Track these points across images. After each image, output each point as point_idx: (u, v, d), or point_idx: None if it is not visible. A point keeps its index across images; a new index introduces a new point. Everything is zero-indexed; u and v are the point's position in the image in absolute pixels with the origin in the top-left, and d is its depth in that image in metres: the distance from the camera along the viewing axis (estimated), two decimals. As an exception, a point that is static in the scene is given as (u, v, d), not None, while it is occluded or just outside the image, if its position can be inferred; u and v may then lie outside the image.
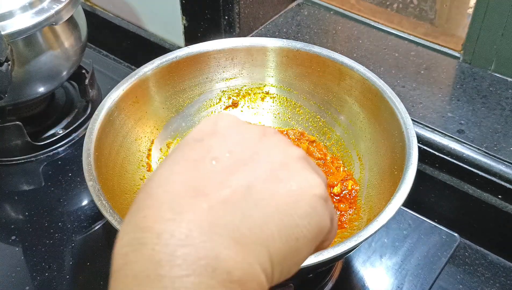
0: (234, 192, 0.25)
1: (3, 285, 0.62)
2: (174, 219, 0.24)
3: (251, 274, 0.24)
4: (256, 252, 0.25)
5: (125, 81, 0.63)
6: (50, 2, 0.70)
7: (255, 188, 0.26)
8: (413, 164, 0.53)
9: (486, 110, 0.70)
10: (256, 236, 0.25)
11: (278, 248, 0.25)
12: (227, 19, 0.81)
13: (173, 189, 0.25)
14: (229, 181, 0.26)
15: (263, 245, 0.25)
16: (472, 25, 0.73)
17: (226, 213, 0.25)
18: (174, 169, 0.26)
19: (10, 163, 0.77)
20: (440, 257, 0.65)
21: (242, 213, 0.25)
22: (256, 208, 0.25)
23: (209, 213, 0.24)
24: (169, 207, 0.24)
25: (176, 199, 0.25)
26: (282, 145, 0.29)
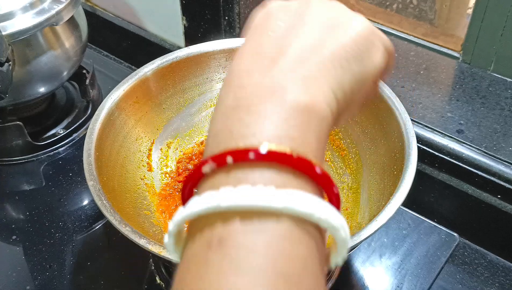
0: (291, 49, 0.30)
1: (4, 284, 0.63)
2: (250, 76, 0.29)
3: (315, 101, 0.28)
4: (316, 84, 0.29)
5: (125, 81, 0.63)
6: (51, 3, 0.70)
7: (307, 41, 0.30)
8: (412, 164, 0.53)
9: (486, 110, 0.70)
10: (314, 73, 0.29)
11: (334, 75, 0.30)
12: (227, 20, 0.81)
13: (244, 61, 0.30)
14: (286, 42, 0.30)
15: (321, 77, 0.29)
16: (471, 25, 0.73)
17: (289, 65, 0.29)
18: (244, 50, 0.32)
19: (11, 163, 0.77)
20: (440, 257, 0.65)
21: (301, 61, 0.29)
22: (311, 54, 0.30)
23: (275, 67, 0.29)
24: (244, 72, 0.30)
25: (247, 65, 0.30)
26: (324, 3, 0.33)
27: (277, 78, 0.29)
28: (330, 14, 0.33)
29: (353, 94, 0.31)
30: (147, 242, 0.47)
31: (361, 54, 0.31)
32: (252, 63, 0.30)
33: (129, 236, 0.48)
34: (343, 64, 0.30)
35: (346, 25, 0.32)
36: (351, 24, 0.32)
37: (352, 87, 0.31)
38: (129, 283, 0.64)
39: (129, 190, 0.60)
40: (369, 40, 0.32)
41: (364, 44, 0.32)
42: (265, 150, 0.26)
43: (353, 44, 0.31)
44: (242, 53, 0.31)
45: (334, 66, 0.30)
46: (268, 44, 0.31)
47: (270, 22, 0.32)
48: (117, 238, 0.67)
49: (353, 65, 0.31)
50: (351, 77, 0.31)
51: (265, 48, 0.31)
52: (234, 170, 0.26)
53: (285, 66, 0.29)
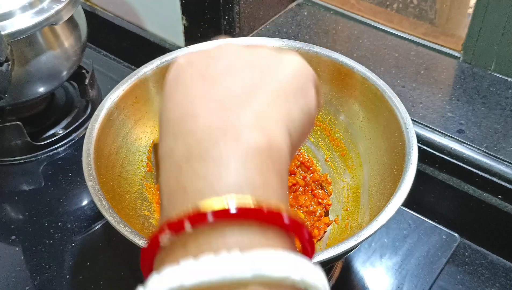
0: (232, 89, 0.29)
1: (3, 285, 0.62)
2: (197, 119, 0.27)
3: (272, 142, 0.27)
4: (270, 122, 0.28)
5: (125, 81, 0.63)
6: (50, 2, 0.70)
7: (246, 81, 0.29)
8: (413, 164, 0.53)
9: (486, 110, 0.70)
10: (264, 110, 0.28)
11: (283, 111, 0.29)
12: (227, 19, 0.81)
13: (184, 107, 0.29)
14: (224, 84, 0.29)
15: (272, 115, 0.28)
16: (472, 25, 0.73)
17: (235, 103, 0.28)
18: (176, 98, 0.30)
19: (10, 163, 0.77)
20: (440, 257, 0.65)
21: (246, 100, 0.28)
22: (255, 93, 0.29)
23: (222, 107, 0.28)
24: (190, 115, 0.28)
25: (191, 109, 0.28)
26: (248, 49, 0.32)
27: (227, 117, 0.27)
28: (257, 55, 0.32)
29: (303, 127, 0.31)
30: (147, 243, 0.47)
31: (302, 87, 0.31)
32: (195, 106, 0.28)
33: (128, 237, 0.48)
34: (289, 98, 0.30)
35: (280, 63, 0.31)
36: (284, 61, 0.32)
37: (301, 120, 0.30)
38: (128, 284, 0.64)
39: (129, 190, 0.60)
40: (304, 74, 0.32)
41: (302, 78, 0.32)
42: (226, 206, 0.23)
43: (293, 78, 0.31)
44: (176, 100, 0.29)
45: (282, 100, 0.29)
46: (204, 87, 0.29)
47: (197, 67, 0.31)
48: (116, 238, 0.67)
49: (298, 98, 0.30)
50: (299, 111, 0.30)
51: (202, 92, 0.29)
52: (194, 237, 0.24)
53: (233, 104, 0.28)
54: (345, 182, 0.64)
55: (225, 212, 0.23)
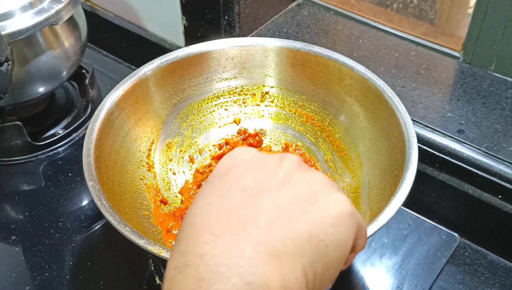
0: (264, 213, 0.28)
1: (3, 285, 0.62)
2: (214, 241, 0.27)
3: (285, 284, 0.26)
4: (290, 263, 0.27)
5: (125, 81, 0.63)
6: (50, 2, 0.70)
7: (283, 207, 0.28)
8: (413, 164, 0.53)
9: (486, 110, 0.70)
10: (290, 249, 0.27)
11: (310, 257, 0.28)
12: (227, 19, 0.81)
13: (209, 217, 0.28)
14: (259, 204, 0.28)
15: (297, 256, 0.27)
16: (472, 25, 0.73)
17: (260, 232, 0.27)
18: (208, 200, 0.29)
19: (10, 163, 0.77)
20: (440, 257, 0.65)
21: (275, 231, 0.27)
22: (287, 225, 0.28)
23: (245, 234, 0.27)
24: (208, 232, 0.27)
25: (213, 225, 0.27)
26: (301, 167, 0.31)
27: (244, 250, 0.26)
28: (310, 182, 0.30)
29: (323, 278, 0.29)
30: (147, 243, 0.47)
31: (338, 237, 0.29)
32: (216, 221, 0.28)
33: (128, 237, 0.48)
34: (319, 244, 0.28)
35: (326, 200, 0.30)
36: (330, 200, 0.30)
37: (324, 270, 0.29)
38: (128, 283, 0.64)
39: (129, 190, 0.60)
40: (346, 222, 0.30)
41: (342, 226, 0.29)
42: None
43: (331, 224, 0.29)
44: (207, 202, 0.29)
45: (310, 245, 0.28)
46: (237, 202, 0.28)
47: (243, 175, 0.30)
48: (116, 238, 0.67)
49: (329, 247, 0.29)
50: (325, 260, 0.28)
51: (233, 206, 0.28)
52: None
53: (255, 235, 0.27)
54: (345, 182, 0.64)
55: None
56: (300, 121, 0.70)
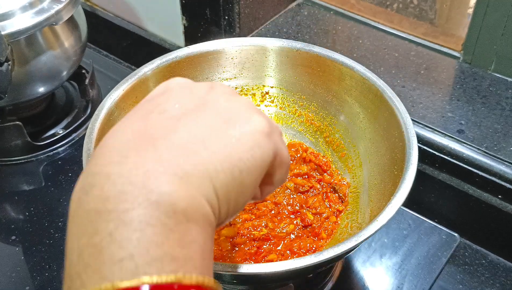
0: (179, 135, 0.27)
1: (3, 285, 0.62)
2: (121, 162, 0.26)
3: (195, 205, 0.26)
4: (199, 185, 0.26)
5: (125, 81, 0.63)
6: (50, 2, 0.70)
7: (200, 130, 0.28)
8: (413, 164, 0.53)
9: (486, 110, 0.70)
10: (200, 171, 0.26)
11: (222, 180, 0.27)
12: (227, 19, 0.81)
13: (123, 138, 0.27)
14: (176, 126, 0.28)
15: (207, 178, 0.27)
16: (472, 25, 0.73)
17: (170, 153, 0.26)
18: (125, 123, 0.29)
19: (10, 163, 0.77)
20: (440, 257, 0.65)
21: (187, 152, 0.27)
22: (200, 147, 0.27)
23: (154, 154, 0.26)
24: (117, 152, 0.27)
25: (124, 145, 0.27)
26: (228, 93, 0.31)
27: (152, 170, 0.26)
28: (233, 106, 0.30)
29: (236, 203, 0.28)
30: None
31: (254, 161, 0.28)
32: (128, 142, 0.27)
33: (128, 237, 0.48)
34: (233, 169, 0.27)
35: (244, 124, 0.29)
36: (248, 123, 0.29)
37: (238, 196, 0.28)
38: (128, 284, 0.64)
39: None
40: (262, 146, 0.29)
41: (258, 150, 0.29)
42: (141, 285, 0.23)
43: (247, 149, 0.28)
44: (124, 125, 0.28)
45: (223, 169, 0.27)
46: (153, 124, 0.28)
47: (166, 100, 0.29)
48: (116, 238, 0.67)
49: (243, 173, 0.28)
50: (238, 185, 0.28)
51: (148, 128, 0.27)
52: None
53: (165, 156, 0.26)
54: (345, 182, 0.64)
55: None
56: (300, 121, 0.70)
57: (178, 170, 0.26)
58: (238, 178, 0.28)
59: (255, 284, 0.54)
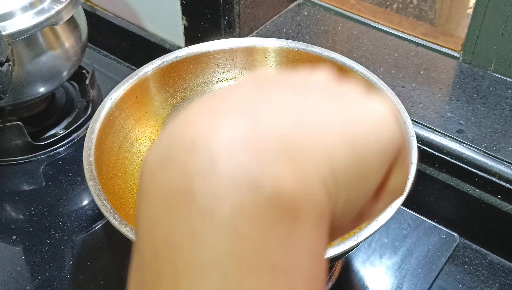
0: (284, 108, 0.20)
1: (4, 285, 0.63)
2: (210, 129, 0.19)
3: (307, 190, 0.19)
4: (315, 164, 0.19)
5: (125, 81, 0.63)
6: (51, 3, 0.70)
7: (308, 104, 0.21)
8: (412, 164, 0.53)
9: (486, 110, 0.70)
10: (315, 146, 0.19)
11: (342, 158, 0.20)
12: (227, 19, 0.81)
13: (213, 105, 0.20)
14: (281, 99, 0.21)
15: (324, 156, 0.19)
16: (471, 25, 0.73)
17: (274, 123, 0.19)
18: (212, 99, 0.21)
19: (11, 163, 0.77)
20: (440, 257, 0.65)
21: (296, 122, 0.20)
22: (310, 119, 0.20)
23: (254, 124, 0.19)
24: (206, 118, 0.19)
25: (215, 112, 0.20)
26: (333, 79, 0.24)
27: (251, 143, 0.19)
28: (346, 90, 0.23)
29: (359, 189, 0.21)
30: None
31: (380, 140, 0.22)
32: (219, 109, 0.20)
33: (129, 236, 0.48)
34: (355, 144, 0.20)
35: (365, 103, 0.22)
36: (372, 103, 0.22)
37: (361, 180, 0.21)
38: (129, 283, 0.64)
39: (129, 190, 0.60)
40: (391, 126, 0.23)
41: (386, 130, 0.22)
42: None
43: (374, 124, 0.22)
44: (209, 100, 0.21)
45: (343, 144, 0.20)
46: (253, 96, 0.21)
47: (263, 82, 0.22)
48: (117, 238, 0.67)
49: (369, 151, 0.21)
50: (362, 166, 0.21)
51: (247, 99, 0.20)
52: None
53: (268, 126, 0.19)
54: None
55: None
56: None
57: (286, 145, 0.19)
58: (361, 156, 0.20)
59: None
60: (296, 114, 0.20)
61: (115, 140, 0.61)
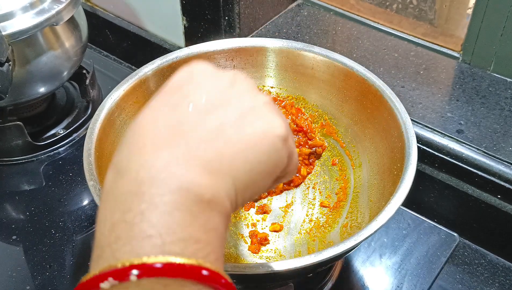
0: (208, 131, 0.30)
1: (4, 284, 0.63)
2: (155, 153, 0.28)
3: (218, 197, 0.29)
4: (223, 181, 0.29)
5: (125, 81, 0.63)
6: (51, 3, 0.70)
7: (226, 128, 0.30)
8: (412, 164, 0.53)
9: (485, 110, 0.70)
10: (225, 168, 0.29)
11: (242, 179, 0.30)
12: (227, 20, 0.81)
13: (155, 130, 0.30)
14: (205, 122, 0.30)
15: (230, 176, 0.29)
16: (471, 26, 0.73)
17: (200, 148, 0.29)
18: (157, 113, 0.31)
19: (11, 163, 0.77)
20: (440, 257, 0.65)
21: (214, 149, 0.29)
22: (226, 145, 0.30)
23: (186, 148, 0.29)
24: (151, 143, 0.29)
25: (157, 137, 0.29)
26: (251, 91, 0.33)
27: (184, 162, 0.28)
28: (253, 104, 0.32)
29: (246, 199, 0.31)
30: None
31: (270, 165, 0.31)
32: (160, 134, 0.29)
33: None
34: (252, 171, 0.30)
35: (266, 125, 0.31)
36: (270, 125, 0.31)
37: (252, 195, 0.31)
38: (129, 283, 0.64)
39: (129, 190, 0.60)
40: (280, 150, 0.32)
41: (275, 154, 0.31)
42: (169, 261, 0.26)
43: (266, 152, 0.31)
44: (156, 115, 0.30)
45: (244, 169, 0.30)
46: (183, 118, 0.30)
47: (193, 91, 0.31)
48: (117, 238, 0.67)
49: (260, 175, 0.31)
50: (253, 186, 0.31)
51: (179, 122, 0.30)
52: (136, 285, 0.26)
53: (196, 149, 0.29)
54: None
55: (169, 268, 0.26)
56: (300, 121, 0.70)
57: (206, 164, 0.29)
58: (254, 178, 0.30)
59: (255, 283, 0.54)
60: (215, 141, 0.29)
61: (116, 140, 0.61)
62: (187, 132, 0.29)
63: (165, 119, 0.30)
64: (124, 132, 0.63)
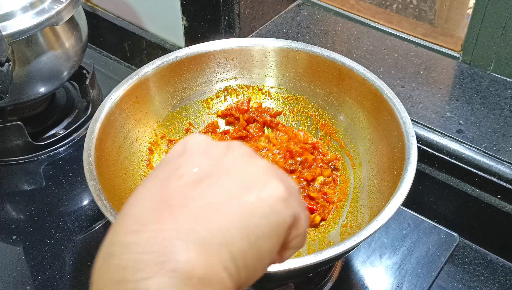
0: (197, 202, 0.28)
1: (4, 284, 0.63)
2: (139, 231, 0.27)
3: (212, 272, 0.26)
4: (217, 252, 0.27)
5: (125, 81, 0.64)
6: (51, 3, 0.70)
7: (217, 197, 0.28)
8: (412, 164, 0.53)
9: (485, 110, 0.70)
10: (217, 238, 0.27)
11: (239, 247, 0.27)
12: (227, 20, 0.81)
13: (142, 207, 0.28)
14: (193, 193, 0.28)
15: (224, 245, 0.27)
16: (471, 26, 0.73)
17: (188, 220, 0.27)
18: (145, 189, 0.30)
19: (11, 163, 0.77)
20: (440, 257, 0.65)
21: (204, 219, 0.27)
22: (217, 214, 0.28)
23: (172, 222, 0.27)
24: (136, 221, 0.27)
25: (143, 214, 0.28)
26: (246, 156, 0.31)
27: (169, 238, 0.26)
28: (251, 170, 0.30)
29: (255, 269, 0.29)
30: None
31: (270, 228, 0.29)
32: (146, 210, 0.28)
33: (129, 236, 0.48)
34: (250, 236, 0.28)
35: (261, 189, 0.29)
36: (265, 189, 0.29)
37: (256, 262, 0.28)
38: (129, 283, 0.64)
39: (130, 190, 0.61)
40: (279, 212, 0.29)
41: (274, 216, 0.29)
42: None
43: (263, 215, 0.28)
44: (144, 191, 0.29)
45: (241, 236, 0.27)
46: (172, 191, 0.28)
47: (184, 163, 0.30)
48: (117, 238, 0.67)
49: (260, 239, 0.28)
50: (256, 252, 0.28)
51: (167, 195, 0.28)
52: None
53: (182, 223, 0.27)
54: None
55: None
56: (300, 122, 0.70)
57: (196, 238, 0.27)
58: (255, 244, 0.28)
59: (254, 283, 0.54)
60: (205, 211, 0.27)
61: (115, 140, 0.61)
62: (174, 206, 0.27)
63: (152, 195, 0.29)
64: (124, 132, 0.63)
